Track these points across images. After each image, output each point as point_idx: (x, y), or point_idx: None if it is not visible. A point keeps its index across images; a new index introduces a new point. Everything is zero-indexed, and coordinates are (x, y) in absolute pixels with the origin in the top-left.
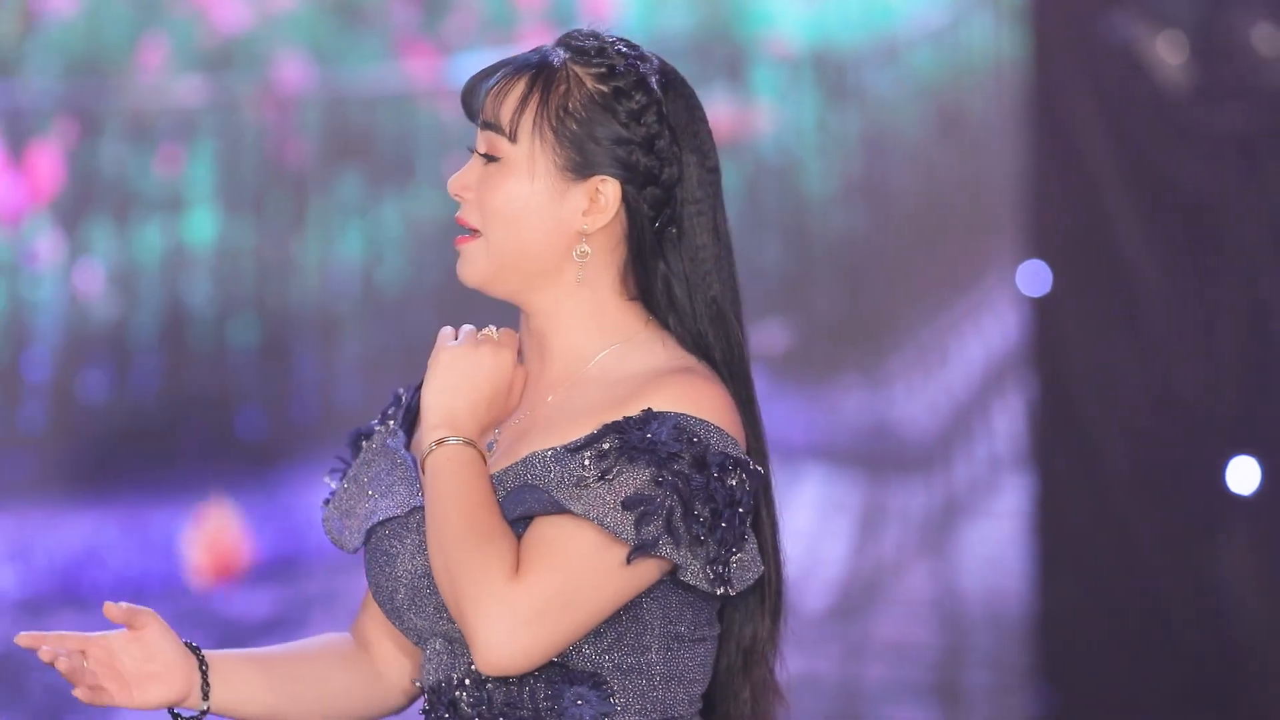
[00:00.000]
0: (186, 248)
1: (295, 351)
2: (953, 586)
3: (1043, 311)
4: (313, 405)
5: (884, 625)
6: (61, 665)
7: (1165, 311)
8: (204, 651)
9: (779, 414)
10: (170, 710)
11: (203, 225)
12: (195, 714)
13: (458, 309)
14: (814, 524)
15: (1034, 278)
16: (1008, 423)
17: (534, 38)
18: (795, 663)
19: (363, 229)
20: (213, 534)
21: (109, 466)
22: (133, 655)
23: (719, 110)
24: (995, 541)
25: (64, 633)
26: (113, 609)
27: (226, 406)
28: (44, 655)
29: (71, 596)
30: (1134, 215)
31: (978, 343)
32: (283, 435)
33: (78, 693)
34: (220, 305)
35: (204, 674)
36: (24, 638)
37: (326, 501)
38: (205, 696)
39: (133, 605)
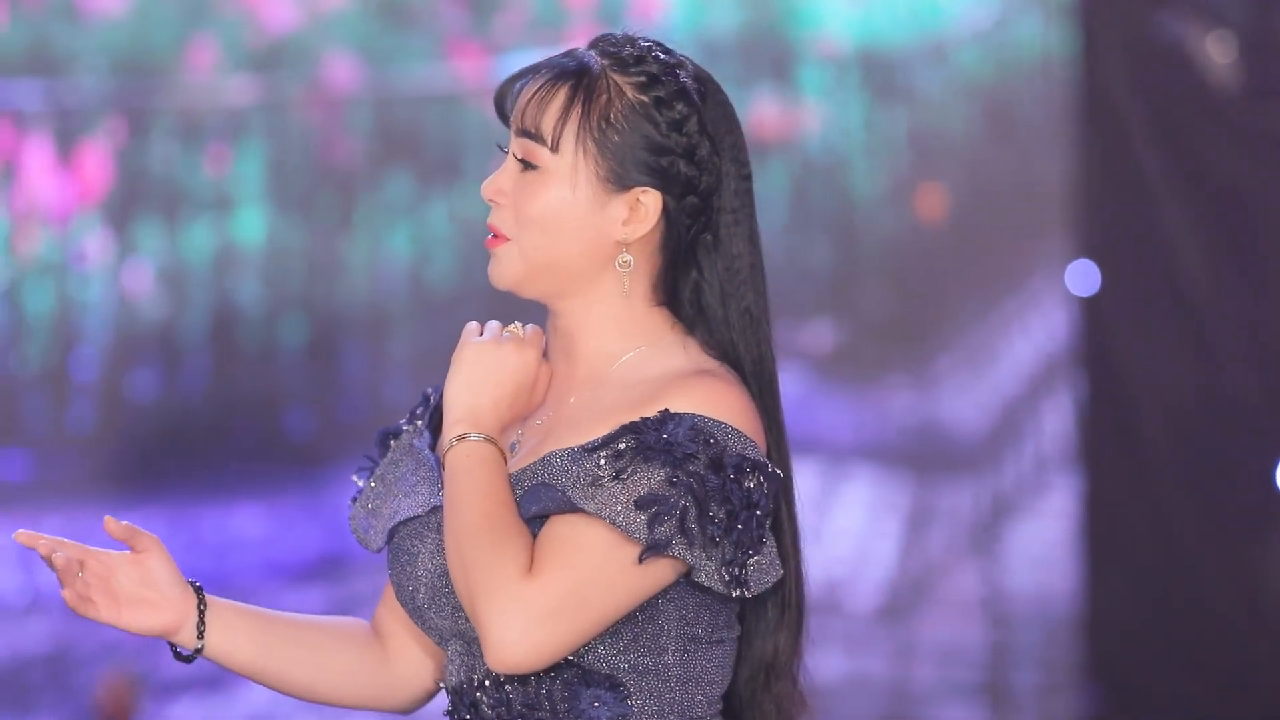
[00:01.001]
0: (235, 247)
1: (343, 351)
2: (1001, 586)
3: (1091, 311)
4: (361, 405)
5: (932, 625)
6: (58, 561)
7: (1214, 311)
8: (207, 595)
9: (827, 414)
10: (172, 647)
11: (251, 225)
12: (189, 652)
13: (506, 308)
14: (862, 524)
15: (1082, 277)
16: (1056, 422)
17: (582, 38)
18: (843, 662)
19: (411, 228)
20: (114, 702)
21: (157, 466)
22: (130, 577)
23: (766, 110)
24: (1044, 541)
25: (64, 539)
26: (113, 524)
27: (275, 406)
28: (42, 549)
29: None
30: (1182, 215)
31: (1026, 342)
32: (331, 435)
33: (64, 594)
34: (269, 305)
35: (201, 614)
36: (22, 535)
37: (354, 500)
38: (200, 636)
39: (135, 526)
